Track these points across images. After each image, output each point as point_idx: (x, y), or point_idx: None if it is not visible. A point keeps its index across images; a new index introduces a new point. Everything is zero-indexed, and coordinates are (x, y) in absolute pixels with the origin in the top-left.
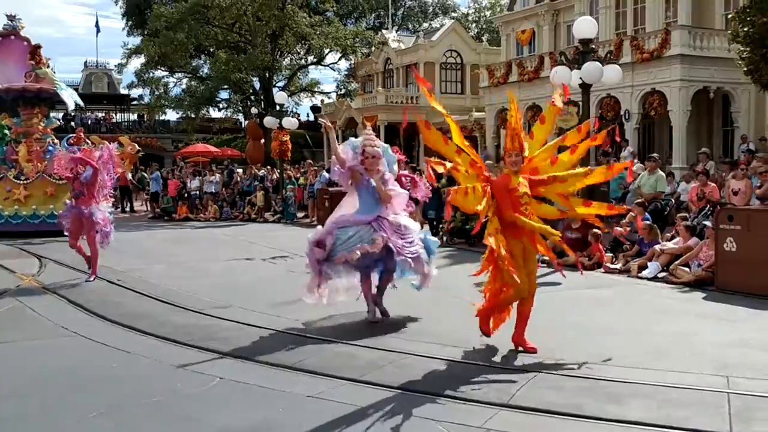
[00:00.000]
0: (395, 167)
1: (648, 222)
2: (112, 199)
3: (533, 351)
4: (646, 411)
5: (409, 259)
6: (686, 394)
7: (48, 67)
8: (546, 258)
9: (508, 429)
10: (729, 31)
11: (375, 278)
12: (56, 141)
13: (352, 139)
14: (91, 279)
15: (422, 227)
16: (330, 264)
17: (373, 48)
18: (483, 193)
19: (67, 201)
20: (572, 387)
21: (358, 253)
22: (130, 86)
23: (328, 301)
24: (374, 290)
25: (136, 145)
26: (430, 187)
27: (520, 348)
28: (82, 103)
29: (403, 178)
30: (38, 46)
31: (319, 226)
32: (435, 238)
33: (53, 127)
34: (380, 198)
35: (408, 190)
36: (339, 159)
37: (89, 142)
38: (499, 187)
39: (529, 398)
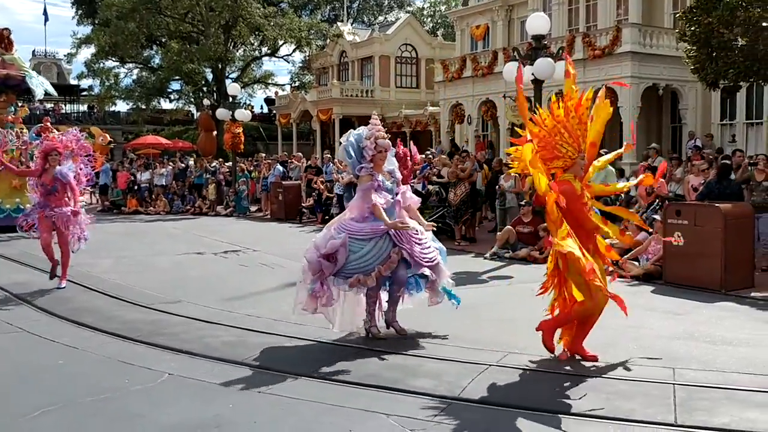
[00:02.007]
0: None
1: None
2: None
3: (594, 359)
4: (595, 403)
5: (428, 269)
6: (633, 386)
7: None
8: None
9: (459, 422)
10: (677, 30)
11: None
12: (25, 131)
13: (353, 133)
14: (63, 285)
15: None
16: (337, 280)
17: (327, 40)
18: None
19: (33, 196)
20: (522, 380)
21: (374, 278)
22: (79, 76)
23: (329, 317)
24: (384, 305)
25: (107, 135)
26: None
27: (577, 356)
28: (54, 92)
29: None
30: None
31: (328, 231)
32: (441, 244)
33: (24, 113)
34: (397, 201)
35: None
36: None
37: (57, 132)
38: (570, 195)
39: (479, 391)
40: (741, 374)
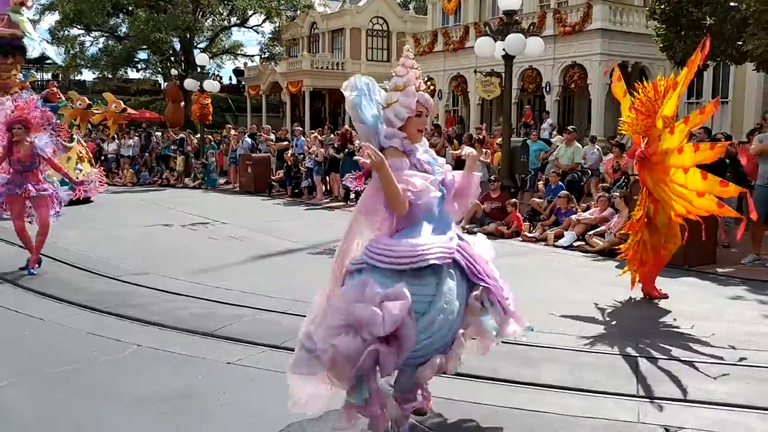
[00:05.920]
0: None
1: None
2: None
3: (665, 297)
4: (560, 374)
5: (519, 323)
6: (598, 358)
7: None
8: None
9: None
10: (646, 8)
11: None
12: (35, 97)
13: (360, 79)
14: (33, 271)
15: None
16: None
17: (298, 11)
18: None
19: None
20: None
21: (437, 360)
22: None
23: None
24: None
25: (121, 102)
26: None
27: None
28: (58, 60)
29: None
30: None
31: (355, 280)
32: (488, 241)
33: (32, 79)
34: (449, 194)
35: None
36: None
37: (63, 98)
38: None
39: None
40: (702, 347)
